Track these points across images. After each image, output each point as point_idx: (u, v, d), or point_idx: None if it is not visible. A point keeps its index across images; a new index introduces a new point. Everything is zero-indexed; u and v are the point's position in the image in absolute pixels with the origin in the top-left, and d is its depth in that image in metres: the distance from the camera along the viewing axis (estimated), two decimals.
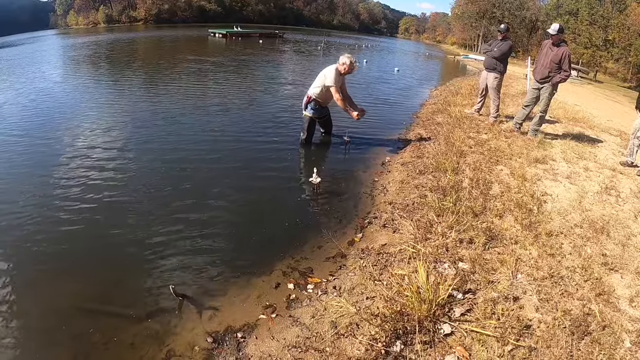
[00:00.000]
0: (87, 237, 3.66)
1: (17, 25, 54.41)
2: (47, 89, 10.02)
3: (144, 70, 14.15)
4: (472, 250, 3.41)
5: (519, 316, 2.65)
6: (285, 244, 3.72)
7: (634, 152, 6.06)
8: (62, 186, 4.57)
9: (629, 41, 42.08)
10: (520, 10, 63.91)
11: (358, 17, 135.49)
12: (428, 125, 8.19)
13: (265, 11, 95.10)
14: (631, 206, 4.61)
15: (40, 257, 3.35)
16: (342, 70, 6.09)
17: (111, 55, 20.12)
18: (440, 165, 5.35)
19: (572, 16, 48.99)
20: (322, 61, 21.19)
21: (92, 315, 2.76)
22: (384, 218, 4.18)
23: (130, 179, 4.86)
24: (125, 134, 6.53)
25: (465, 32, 77.86)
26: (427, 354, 2.39)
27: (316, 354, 2.43)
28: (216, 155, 5.83)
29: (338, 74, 6.05)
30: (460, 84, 15.49)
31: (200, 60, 17.08)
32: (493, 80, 8.00)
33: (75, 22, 73.71)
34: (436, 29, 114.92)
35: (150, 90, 10.28)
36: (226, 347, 2.55)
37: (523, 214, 4.10)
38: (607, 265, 3.33)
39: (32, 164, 5.25)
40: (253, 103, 9.36)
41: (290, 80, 13.70)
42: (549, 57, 6.44)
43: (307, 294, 3.07)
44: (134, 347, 2.53)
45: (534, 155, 6.02)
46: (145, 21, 71.58)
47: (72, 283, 3.09)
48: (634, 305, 2.87)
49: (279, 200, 4.68)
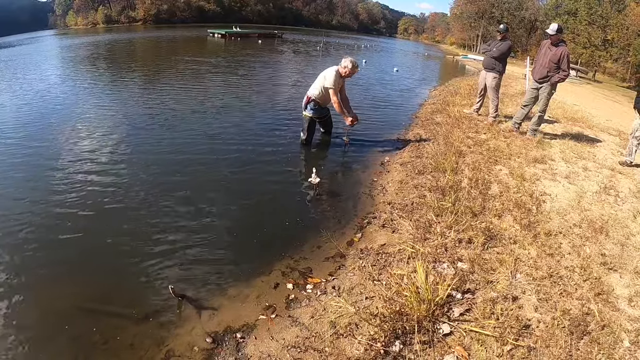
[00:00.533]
0: (87, 239, 3.64)
1: (16, 26, 54.37)
2: (43, 91, 9.84)
3: (141, 71, 14.09)
4: (471, 250, 3.42)
5: (518, 316, 2.65)
6: (285, 244, 3.72)
7: (632, 151, 6.07)
8: (59, 191, 4.51)
9: (627, 41, 42.10)
10: (519, 11, 64.03)
11: (357, 17, 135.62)
12: (427, 125, 8.20)
13: (264, 11, 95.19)
14: (630, 206, 4.62)
15: (39, 260, 3.33)
16: (343, 73, 6.07)
17: (109, 56, 20.12)
18: (439, 165, 5.36)
19: (571, 16, 49.00)
20: (321, 61, 21.23)
21: (92, 316, 2.75)
22: (383, 218, 4.19)
23: (129, 180, 4.85)
24: (123, 136, 6.50)
25: (464, 32, 77.99)
26: (426, 353, 2.39)
27: (315, 354, 2.43)
28: (214, 156, 5.82)
29: (338, 76, 6.04)
30: (459, 84, 15.51)
31: (199, 61, 17.06)
32: (492, 80, 8.01)
33: (75, 22, 73.69)
34: (435, 29, 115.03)
35: (148, 92, 10.23)
36: (225, 347, 2.55)
37: (522, 214, 4.10)
38: (606, 265, 3.34)
39: (28, 167, 5.18)
40: (252, 103, 9.35)
41: (289, 80, 13.70)
42: (548, 57, 6.45)
43: (306, 294, 3.07)
44: (133, 347, 2.53)
45: (533, 155, 6.02)
46: (144, 21, 71.56)
47: (71, 284, 3.09)
48: (632, 304, 2.88)
49: (278, 200, 4.67)
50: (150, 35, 38.62)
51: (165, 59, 17.46)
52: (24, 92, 9.72)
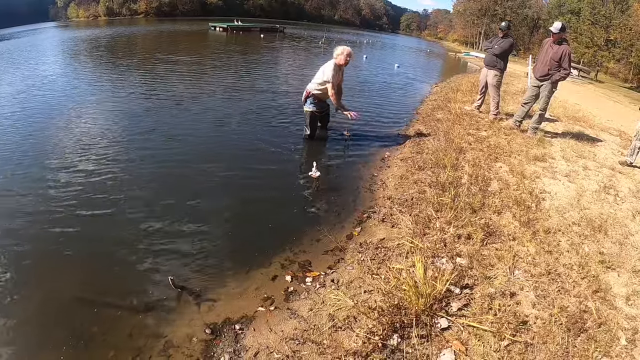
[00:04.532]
0: (85, 232, 3.64)
1: (17, 18, 53.98)
2: (39, 85, 9.76)
3: (141, 65, 13.97)
4: (470, 246, 3.43)
5: (515, 312, 2.66)
6: (284, 237, 3.73)
7: (634, 152, 6.07)
8: (58, 183, 4.50)
9: (630, 42, 41.88)
10: (522, 9, 63.77)
11: (359, 13, 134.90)
12: (428, 121, 8.19)
13: (267, 5, 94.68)
14: (629, 205, 4.63)
15: (38, 252, 3.34)
16: (339, 62, 6.02)
17: (111, 48, 20.01)
18: (439, 162, 5.36)
19: (574, 15, 48.78)
20: (323, 56, 21.16)
21: (91, 307, 2.76)
22: (383, 213, 4.19)
23: (128, 173, 4.84)
24: (123, 129, 6.48)
25: (467, 29, 77.68)
26: (424, 347, 2.40)
27: (314, 347, 2.44)
28: (214, 149, 5.83)
29: (336, 69, 6.00)
30: (461, 81, 15.48)
31: (200, 55, 17.02)
32: (493, 77, 8.00)
33: (76, 14, 73.25)
34: (437, 25, 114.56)
35: (148, 86, 10.17)
36: (224, 338, 2.56)
37: (521, 211, 4.11)
38: (604, 263, 3.35)
39: (26, 159, 5.16)
40: (252, 97, 9.32)
41: (291, 74, 13.66)
42: (549, 55, 6.44)
43: (305, 287, 3.07)
44: (132, 338, 2.54)
45: (534, 153, 6.03)
46: (146, 14, 71.18)
47: (70, 277, 3.09)
48: (630, 303, 2.89)
49: (278, 193, 4.67)
50: (151, 29, 38.22)
51: (165, 52, 17.33)
52: (20, 88, 9.40)
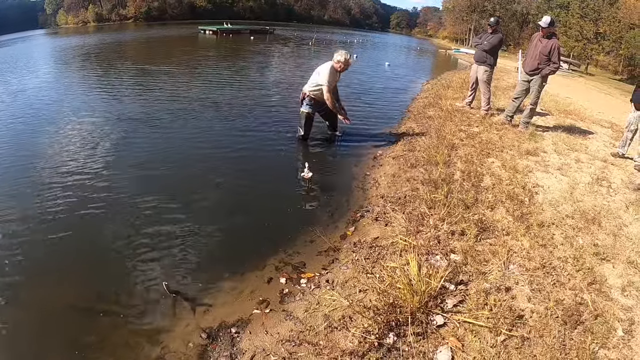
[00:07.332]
0: (78, 240, 3.61)
1: (5, 26, 53.48)
2: (28, 94, 9.74)
3: (130, 71, 13.83)
4: (464, 242, 3.42)
5: (511, 306, 2.66)
6: (278, 238, 3.71)
7: (626, 144, 6.11)
8: (51, 190, 4.47)
9: (619, 34, 42.26)
10: (512, 4, 64.10)
11: (349, 13, 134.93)
12: (419, 118, 8.20)
13: (256, 7, 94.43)
14: (622, 197, 4.65)
15: (33, 260, 3.31)
16: (338, 68, 6.01)
17: (99, 54, 19.88)
18: (431, 158, 5.36)
19: (563, 9, 49.12)
20: (313, 57, 21.17)
21: (86, 315, 2.73)
22: (376, 211, 4.18)
23: (122, 178, 4.81)
24: (117, 134, 6.45)
25: (457, 26, 77.99)
26: (420, 345, 2.39)
27: (310, 347, 2.43)
28: (206, 151, 5.80)
29: (333, 73, 5.97)
30: (452, 78, 15.49)
31: (190, 59, 16.95)
32: (483, 73, 8.02)
33: (65, 21, 72.62)
34: (427, 23, 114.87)
35: (140, 91, 10.10)
36: (220, 342, 2.55)
37: (514, 206, 4.11)
38: (598, 255, 3.35)
39: (19, 165, 5.15)
40: (243, 99, 9.29)
41: (281, 76, 13.60)
42: (539, 49, 6.47)
43: (300, 288, 3.06)
44: (129, 345, 2.52)
45: (525, 147, 6.04)
46: (135, 19, 70.79)
47: (65, 284, 3.06)
48: (625, 294, 2.89)
49: (270, 195, 4.66)
50: (140, 34, 37.92)
51: (155, 57, 17.27)
52: (8, 98, 9.31)
